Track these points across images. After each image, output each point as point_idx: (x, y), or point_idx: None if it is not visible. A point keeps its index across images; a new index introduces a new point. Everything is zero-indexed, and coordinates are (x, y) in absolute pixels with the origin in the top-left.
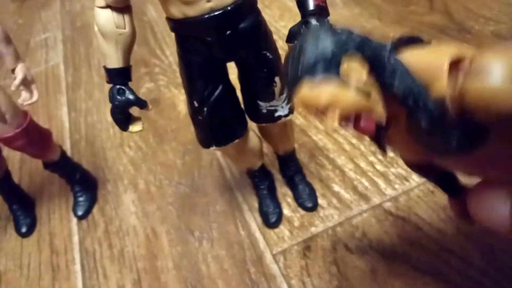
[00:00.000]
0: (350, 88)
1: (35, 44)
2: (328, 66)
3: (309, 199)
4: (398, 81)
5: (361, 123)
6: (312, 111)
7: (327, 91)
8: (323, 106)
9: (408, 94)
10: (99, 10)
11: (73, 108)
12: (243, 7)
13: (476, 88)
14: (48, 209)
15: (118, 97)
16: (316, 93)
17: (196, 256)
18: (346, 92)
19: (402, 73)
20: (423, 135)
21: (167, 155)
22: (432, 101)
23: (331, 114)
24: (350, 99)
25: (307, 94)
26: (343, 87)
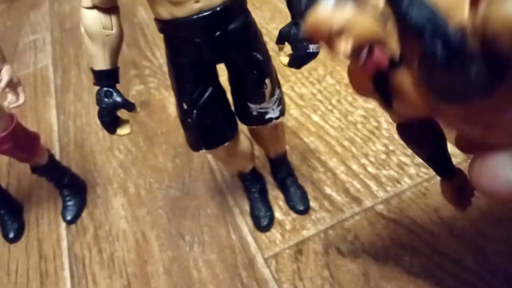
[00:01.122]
0: (366, 13)
1: (23, 46)
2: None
3: (301, 202)
4: (416, 10)
5: (373, 54)
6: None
7: (342, 14)
8: (338, 29)
9: (426, 24)
10: (85, 11)
11: (62, 111)
12: (233, 8)
13: (502, 12)
14: (36, 214)
15: (106, 100)
16: (331, 15)
17: (187, 261)
18: (362, 17)
19: (420, 2)
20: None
21: (158, 158)
22: (451, 30)
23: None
24: (366, 23)
25: (321, 16)
26: (360, 11)
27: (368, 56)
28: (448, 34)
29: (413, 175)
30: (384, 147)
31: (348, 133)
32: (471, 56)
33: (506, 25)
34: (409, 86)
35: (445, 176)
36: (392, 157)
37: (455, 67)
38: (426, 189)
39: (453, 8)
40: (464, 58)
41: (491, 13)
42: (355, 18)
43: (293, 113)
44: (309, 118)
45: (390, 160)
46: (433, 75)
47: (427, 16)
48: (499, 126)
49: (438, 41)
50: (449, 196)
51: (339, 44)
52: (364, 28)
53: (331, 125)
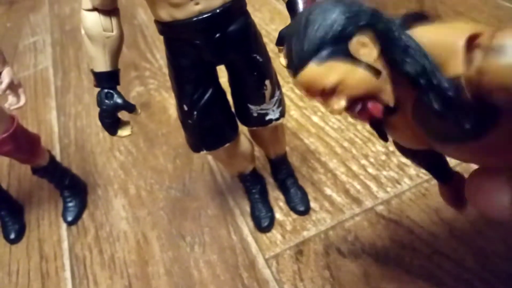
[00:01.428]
0: (360, 66)
1: (23, 47)
2: (337, 39)
3: (301, 203)
4: (411, 58)
5: (368, 105)
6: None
7: (335, 68)
8: (331, 84)
9: (421, 73)
10: (86, 13)
11: (62, 113)
12: (232, 10)
13: (498, 66)
14: (37, 215)
15: (106, 101)
16: (324, 72)
17: (188, 262)
18: (356, 71)
19: (415, 50)
20: (433, 118)
21: (158, 159)
22: (446, 81)
23: (338, 95)
24: (360, 76)
25: (313, 72)
26: (353, 63)
27: (362, 109)
28: (443, 86)
29: (413, 176)
30: (384, 148)
31: (348, 134)
32: (465, 106)
33: (502, 79)
34: (404, 126)
35: (443, 180)
36: (392, 158)
37: (450, 116)
38: (426, 190)
39: (448, 56)
40: (458, 108)
41: (487, 67)
42: (347, 75)
43: (293, 114)
44: (309, 119)
45: (390, 161)
46: (428, 119)
47: (422, 66)
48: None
49: (434, 89)
50: (448, 199)
51: (332, 102)
52: (357, 84)
53: (331, 126)
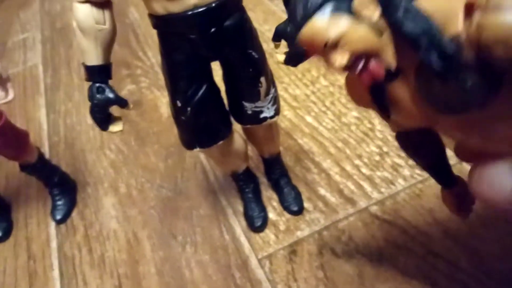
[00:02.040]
0: (362, 23)
1: (13, 44)
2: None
3: (295, 203)
4: (411, 20)
5: (370, 63)
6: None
7: (339, 24)
8: (334, 39)
9: (422, 34)
10: (78, 5)
11: (52, 110)
12: (228, 4)
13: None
14: (25, 213)
15: (98, 96)
16: (327, 25)
17: (179, 261)
18: (359, 27)
19: (415, 13)
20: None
21: (149, 158)
22: (446, 41)
23: (341, 49)
24: (362, 34)
25: (317, 26)
26: (355, 24)
27: (364, 68)
28: (444, 45)
29: (407, 177)
30: (378, 148)
31: (342, 134)
32: (466, 66)
33: (500, 34)
34: (406, 96)
35: (446, 185)
36: (386, 159)
37: (451, 77)
38: (420, 191)
39: (448, 19)
40: (459, 68)
41: (485, 23)
42: (350, 29)
43: (287, 115)
44: (303, 119)
45: (384, 162)
46: (429, 85)
47: (422, 26)
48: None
49: (434, 51)
50: (450, 204)
51: (334, 56)
52: (359, 39)
53: (325, 126)
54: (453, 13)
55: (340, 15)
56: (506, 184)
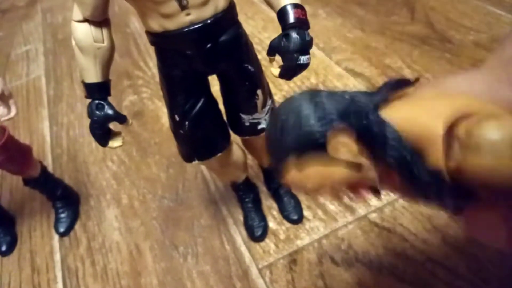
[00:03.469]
0: (340, 163)
1: (16, 56)
2: (314, 145)
3: (295, 212)
4: (390, 149)
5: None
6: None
7: (315, 172)
8: (312, 188)
9: (401, 163)
10: (76, 24)
11: (54, 122)
12: (224, 20)
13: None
14: (29, 226)
15: (97, 112)
16: (304, 176)
17: (181, 272)
18: (336, 169)
19: (394, 140)
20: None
21: (151, 168)
22: (427, 170)
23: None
24: (340, 175)
25: (294, 177)
26: (333, 163)
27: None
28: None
29: None
30: None
31: None
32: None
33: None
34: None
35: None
36: None
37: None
38: None
39: (427, 145)
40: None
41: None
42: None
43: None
44: None
45: None
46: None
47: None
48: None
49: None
50: None
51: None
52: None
53: None
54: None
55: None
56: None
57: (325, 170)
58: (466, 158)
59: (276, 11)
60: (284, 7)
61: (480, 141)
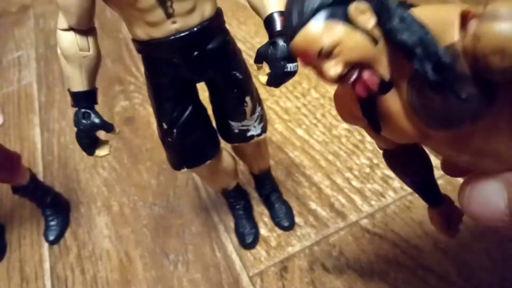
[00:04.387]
0: (357, 30)
1: (7, 62)
2: (336, 4)
3: (286, 218)
4: (407, 27)
5: (364, 74)
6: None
7: (334, 31)
8: (329, 47)
9: (417, 42)
10: (61, 33)
11: (45, 129)
12: (210, 28)
13: (492, 31)
14: (18, 235)
15: (83, 121)
16: (322, 31)
17: (171, 280)
18: (354, 34)
19: (411, 22)
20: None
21: (142, 175)
22: (442, 50)
23: (335, 58)
24: (357, 42)
25: (311, 33)
26: (350, 32)
27: (358, 79)
28: (439, 54)
29: (397, 189)
30: (368, 160)
31: (333, 147)
32: (462, 76)
33: (497, 44)
34: (398, 109)
35: (433, 203)
36: (376, 171)
37: (446, 88)
38: (410, 203)
39: (443, 28)
40: (455, 78)
41: (482, 32)
42: (345, 37)
43: (278, 128)
44: (293, 132)
45: (374, 174)
46: (423, 97)
47: (417, 36)
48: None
49: (429, 61)
50: (437, 224)
51: (328, 65)
52: (355, 48)
53: (316, 139)
54: (449, 23)
55: (335, 22)
56: (497, 203)
57: (344, 30)
58: (482, 26)
59: (263, 19)
60: (271, 14)
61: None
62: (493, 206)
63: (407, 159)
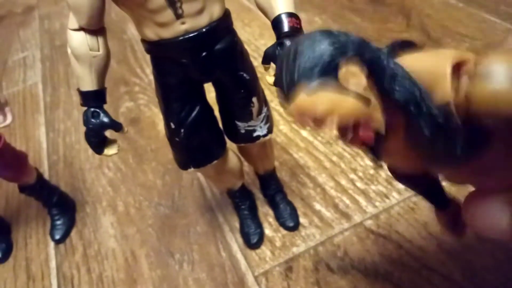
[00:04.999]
0: (349, 94)
1: (13, 63)
2: (326, 70)
3: (291, 219)
4: (399, 85)
5: (360, 132)
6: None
7: (325, 97)
8: (322, 113)
9: (410, 100)
10: (72, 33)
11: (51, 129)
12: (219, 29)
13: (485, 91)
14: (24, 234)
15: (93, 120)
16: (314, 100)
17: (177, 280)
18: (346, 98)
19: (403, 78)
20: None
21: (147, 175)
22: (435, 106)
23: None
24: (349, 105)
25: (304, 100)
26: (342, 92)
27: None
28: (433, 112)
29: (401, 190)
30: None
31: (337, 148)
32: (455, 130)
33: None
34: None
35: (440, 207)
36: (381, 172)
37: (440, 142)
38: (415, 204)
39: (435, 81)
40: (448, 131)
41: (474, 92)
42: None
43: (282, 129)
44: (298, 133)
45: (379, 175)
46: (420, 146)
47: (410, 90)
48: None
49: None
50: (445, 225)
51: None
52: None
53: (320, 140)
54: (441, 75)
55: (326, 89)
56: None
57: (335, 97)
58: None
59: (270, 20)
60: (278, 16)
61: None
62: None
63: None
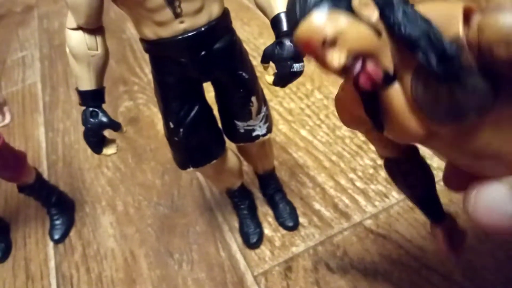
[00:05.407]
0: (360, 24)
1: (12, 62)
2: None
3: (290, 218)
4: (410, 22)
5: (368, 66)
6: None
7: (337, 21)
8: (333, 36)
9: (421, 36)
10: (70, 32)
11: (50, 128)
12: (217, 28)
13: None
14: (23, 233)
15: (91, 120)
16: (326, 21)
17: (176, 280)
18: (358, 25)
19: (414, 15)
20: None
21: (146, 175)
22: (446, 43)
23: (339, 48)
24: (361, 33)
25: (315, 23)
26: (353, 22)
27: (362, 70)
28: (444, 46)
29: None
30: (372, 161)
31: (336, 147)
32: (467, 68)
33: (501, 34)
34: (402, 105)
35: (435, 219)
36: (380, 172)
37: (451, 80)
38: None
39: (447, 22)
40: (460, 69)
41: (486, 24)
42: (349, 27)
43: (281, 128)
44: (297, 133)
45: (378, 175)
46: (428, 90)
47: (421, 28)
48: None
49: (434, 54)
50: (440, 242)
51: (332, 55)
52: (358, 38)
53: (320, 140)
54: (453, 17)
55: (339, 12)
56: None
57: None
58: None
59: (270, 19)
60: (278, 15)
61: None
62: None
63: (408, 168)
